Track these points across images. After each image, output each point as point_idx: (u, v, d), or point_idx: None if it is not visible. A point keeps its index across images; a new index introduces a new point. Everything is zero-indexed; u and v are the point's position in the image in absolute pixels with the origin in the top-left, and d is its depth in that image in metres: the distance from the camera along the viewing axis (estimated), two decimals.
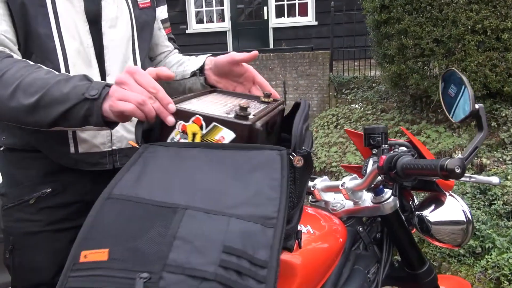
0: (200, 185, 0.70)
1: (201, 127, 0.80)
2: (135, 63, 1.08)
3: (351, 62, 6.64)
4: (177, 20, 9.09)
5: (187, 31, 9.21)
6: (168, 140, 0.85)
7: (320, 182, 1.20)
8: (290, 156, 0.74)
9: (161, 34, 1.26)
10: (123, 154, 1.07)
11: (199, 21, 9.46)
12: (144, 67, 1.09)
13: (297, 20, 8.87)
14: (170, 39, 1.30)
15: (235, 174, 0.71)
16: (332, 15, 6.68)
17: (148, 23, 1.13)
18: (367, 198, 1.13)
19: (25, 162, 1.05)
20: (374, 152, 1.05)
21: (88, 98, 0.79)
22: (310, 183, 1.21)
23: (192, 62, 1.18)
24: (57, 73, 0.87)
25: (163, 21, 1.26)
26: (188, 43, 9.07)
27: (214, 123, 0.79)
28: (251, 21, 9.31)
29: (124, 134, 1.06)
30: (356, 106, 5.71)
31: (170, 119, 0.79)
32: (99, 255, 0.59)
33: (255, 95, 1.08)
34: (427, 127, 4.08)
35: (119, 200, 0.67)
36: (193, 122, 0.81)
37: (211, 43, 9.14)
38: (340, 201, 1.17)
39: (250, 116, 0.83)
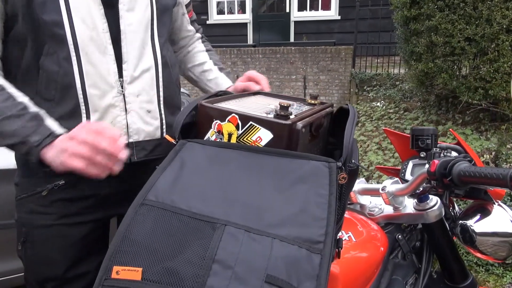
0: (240, 196, 0.64)
1: (237, 127, 0.74)
2: (154, 49, 1.02)
3: (374, 58, 6.49)
4: (197, 10, 9.01)
5: (207, 22, 9.14)
6: (205, 139, 0.80)
7: (357, 184, 1.13)
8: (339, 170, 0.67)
9: (184, 19, 1.21)
10: (140, 147, 1.02)
11: (220, 11, 9.38)
12: (162, 54, 1.04)
13: (320, 14, 8.71)
14: (192, 22, 1.25)
15: (278, 185, 0.65)
16: (357, 10, 6.53)
17: (168, 7, 1.08)
18: (408, 204, 1.05)
19: None
20: (422, 155, 0.97)
21: (28, 142, 0.81)
22: None
23: (223, 80, 1.27)
24: (17, 100, 0.85)
25: (187, 5, 1.20)
26: (208, 34, 8.94)
27: (250, 122, 0.73)
28: (273, 13, 9.18)
29: (142, 126, 1.01)
30: (378, 104, 5.57)
31: (116, 169, 0.82)
32: (132, 273, 0.54)
33: (301, 97, 1.02)
34: (453, 129, 3.95)
35: (154, 207, 0.62)
36: (228, 121, 0.75)
37: (231, 34, 9.06)
38: (378, 206, 1.10)
39: (292, 116, 0.76)
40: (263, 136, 0.73)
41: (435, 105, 4.55)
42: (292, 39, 8.89)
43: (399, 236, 1.06)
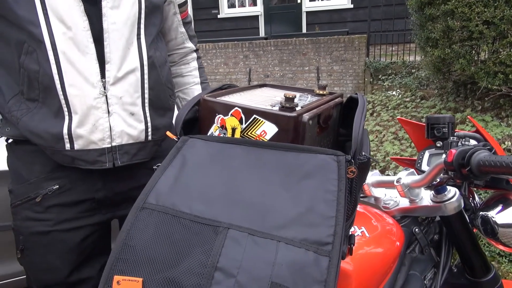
0: (244, 195, 0.61)
1: (240, 121, 0.71)
2: (140, 50, 0.97)
3: (389, 46, 6.35)
4: (208, 4, 8.99)
5: (218, 16, 9.10)
6: (208, 135, 0.77)
7: (370, 176, 1.08)
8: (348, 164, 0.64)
9: (175, 19, 1.16)
10: (123, 151, 0.98)
11: (231, 5, 9.31)
12: (149, 55, 0.99)
13: (332, 3, 8.57)
14: (186, 23, 1.20)
15: (284, 181, 0.62)
16: None
17: (158, 5, 1.02)
18: (425, 196, 1.01)
19: (30, 156, 0.99)
20: (438, 145, 0.93)
21: None
22: None
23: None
24: None
25: (180, 5, 1.15)
26: (220, 28, 8.98)
27: (254, 116, 0.69)
28: (284, 4, 9.07)
29: (125, 129, 0.97)
30: (394, 93, 5.46)
31: None
32: (133, 284, 0.53)
33: (309, 88, 0.98)
34: (472, 116, 3.83)
35: (155, 211, 0.59)
36: (232, 115, 0.72)
37: (243, 27, 9.00)
38: (393, 198, 1.06)
39: (298, 108, 0.73)
40: (268, 129, 0.70)
41: (453, 92, 4.42)
42: (304, 30, 8.78)
43: (416, 230, 1.02)
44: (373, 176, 1.08)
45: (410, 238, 1.02)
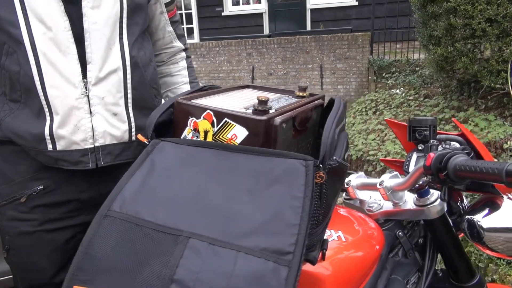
0: (209, 202, 0.60)
1: (212, 124, 0.71)
2: (122, 49, 0.97)
3: (393, 44, 6.29)
4: (213, 1, 8.98)
5: (223, 13, 9.09)
6: (181, 138, 0.77)
7: (355, 179, 1.07)
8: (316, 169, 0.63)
9: (162, 18, 1.15)
10: (106, 151, 0.98)
11: (235, 2, 9.30)
12: (132, 54, 0.98)
13: (337, 1, 8.51)
14: (173, 22, 1.19)
15: (252, 187, 0.61)
16: None
17: (141, 4, 1.01)
18: (409, 199, 0.99)
19: (14, 156, 0.99)
20: (420, 148, 0.91)
21: None
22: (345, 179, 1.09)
23: None
24: None
25: (167, 4, 1.14)
26: (223, 26, 8.97)
27: (225, 119, 0.69)
28: (288, 2, 9.03)
29: (108, 129, 0.97)
30: (397, 91, 5.41)
31: None
32: None
33: (290, 90, 0.97)
34: (475, 115, 3.79)
35: (117, 219, 0.59)
36: (204, 118, 0.71)
37: (247, 25, 8.98)
38: (377, 201, 1.04)
39: (272, 111, 0.72)
40: (239, 133, 0.69)
41: (456, 91, 4.38)
42: (308, 28, 8.73)
43: (400, 233, 1.01)
44: (357, 178, 1.07)
45: (394, 242, 1.00)
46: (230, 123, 0.69)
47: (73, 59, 0.90)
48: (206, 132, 0.73)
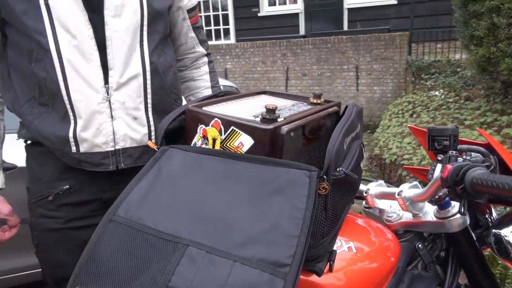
0: (211, 210, 0.61)
1: (220, 132, 0.71)
2: (142, 56, 0.99)
3: (433, 44, 6.06)
4: (249, 2, 9.02)
5: (259, 14, 9.11)
6: (192, 145, 0.78)
7: (374, 187, 1.04)
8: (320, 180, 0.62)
9: (185, 24, 1.17)
10: (127, 154, 1.01)
11: (272, 3, 9.29)
12: (151, 60, 1.01)
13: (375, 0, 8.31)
14: (196, 28, 1.21)
15: (254, 196, 0.61)
16: None
17: (162, 12, 1.04)
18: (429, 211, 0.96)
19: (43, 157, 1.04)
20: (439, 158, 0.87)
21: None
22: (364, 187, 1.06)
23: None
24: None
25: (189, 10, 1.16)
26: (259, 27, 8.99)
27: (232, 127, 0.69)
28: (325, 1, 8.91)
29: (128, 133, 1.00)
30: (436, 93, 5.21)
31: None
32: None
33: (306, 97, 0.96)
34: None
35: (121, 224, 0.61)
36: (212, 126, 0.72)
37: (283, 25, 8.95)
38: (396, 211, 1.01)
39: (280, 119, 0.71)
40: (245, 141, 0.69)
41: (500, 93, 4.15)
42: (345, 28, 8.58)
43: (419, 245, 0.97)
44: (376, 186, 1.04)
45: (413, 254, 0.97)
46: (237, 132, 0.70)
47: (96, 65, 0.94)
48: (214, 140, 0.73)
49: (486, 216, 1.06)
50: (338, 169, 0.66)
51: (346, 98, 6.66)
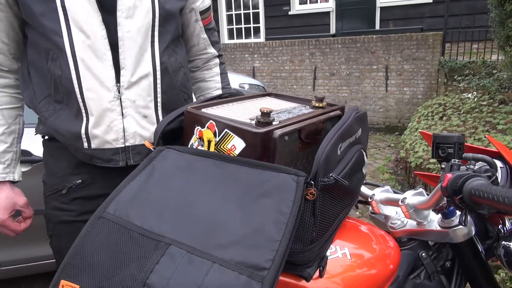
0: (197, 211, 0.62)
1: (214, 134, 0.72)
2: (153, 56, 1.02)
3: (468, 44, 5.84)
4: (280, 1, 9.00)
5: (289, 13, 9.07)
6: (189, 146, 0.79)
7: (379, 193, 1.03)
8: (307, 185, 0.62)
9: (197, 26, 1.19)
10: (136, 151, 1.04)
11: (303, 1, 9.23)
12: (162, 60, 1.03)
13: None
14: (208, 29, 1.22)
15: (242, 199, 0.62)
16: None
17: (173, 13, 1.06)
18: (434, 219, 0.93)
19: (58, 152, 1.08)
20: (443, 166, 0.85)
21: None
22: (369, 193, 1.05)
23: None
24: None
25: (202, 12, 1.17)
26: (289, 25, 8.95)
27: (225, 130, 0.70)
28: (357, 0, 8.76)
29: (138, 130, 1.03)
30: (469, 95, 5.02)
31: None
32: None
33: (308, 99, 0.96)
34: None
35: (109, 221, 0.63)
36: (207, 128, 0.73)
37: (313, 24, 8.87)
38: (401, 218, 0.99)
39: (275, 123, 0.71)
40: (237, 144, 0.70)
41: None
42: (377, 27, 8.40)
43: (423, 254, 0.95)
44: (382, 192, 1.02)
45: (416, 263, 0.95)
46: (230, 134, 0.70)
47: (109, 65, 0.97)
48: (209, 142, 0.74)
49: (499, 226, 1.02)
50: (328, 175, 0.65)
51: (374, 98, 6.53)
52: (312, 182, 0.62)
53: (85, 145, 1.02)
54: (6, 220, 1.03)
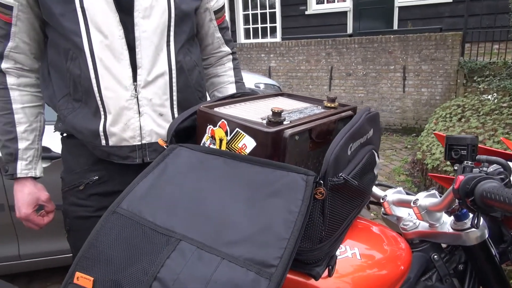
0: (207, 208, 0.63)
1: (226, 133, 0.73)
2: (169, 55, 1.04)
3: (489, 44, 5.71)
4: (296, 1, 8.97)
5: (306, 12, 9.03)
6: (201, 144, 0.81)
7: (391, 194, 1.02)
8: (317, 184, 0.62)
9: (211, 25, 1.21)
10: (152, 148, 1.06)
11: (320, 1, 9.18)
12: (177, 59, 1.05)
13: None
14: (222, 29, 1.24)
15: (252, 197, 0.63)
16: None
17: (188, 13, 1.08)
18: (447, 221, 0.92)
19: (77, 149, 1.11)
20: (455, 168, 0.84)
21: (4, 168, 1.06)
22: (381, 194, 1.04)
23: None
24: (13, 128, 1.04)
25: (216, 11, 1.19)
26: (306, 25, 8.91)
27: (237, 129, 0.71)
28: None
29: (154, 128, 1.05)
30: (489, 96, 4.92)
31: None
32: (86, 282, 0.59)
33: (321, 99, 0.97)
34: None
35: (123, 216, 0.65)
36: (219, 127, 0.75)
37: (330, 24, 8.82)
38: (413, 220, 0.98)
39: (286, 122, 0.72)
40: (248, 143, 0.71)
41: None
42: (395, 27, 8.29)
43: (435, 256, 0.94)
44: (394, 194, 1.02)
45: (428, 265, 0.94)
46: (241, 133, 0.71)
47: (126, 64, 0.99)
48: (221, 140, 0.76)
49: None
50: (338, 175, 0.66)
51: (391, 99, 6.46)
52: (321, 182, 0.63)
53: (103, 142, 1.05)
54: (31, 214, 1.07)
